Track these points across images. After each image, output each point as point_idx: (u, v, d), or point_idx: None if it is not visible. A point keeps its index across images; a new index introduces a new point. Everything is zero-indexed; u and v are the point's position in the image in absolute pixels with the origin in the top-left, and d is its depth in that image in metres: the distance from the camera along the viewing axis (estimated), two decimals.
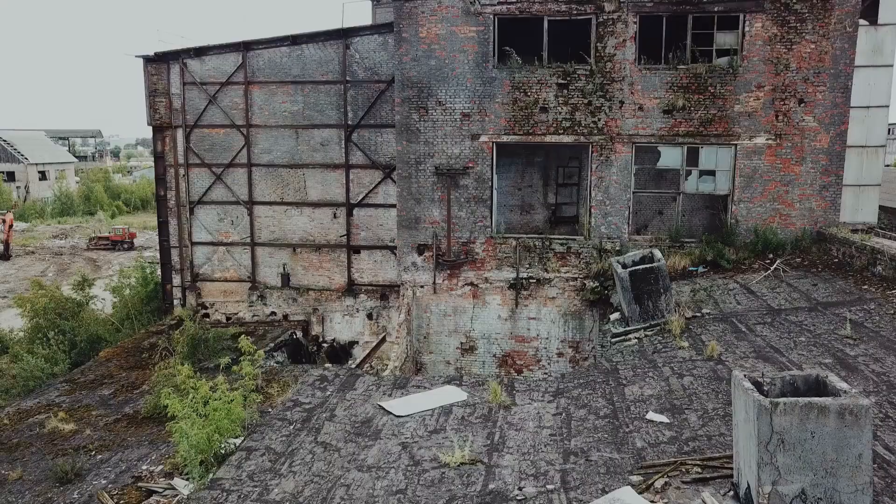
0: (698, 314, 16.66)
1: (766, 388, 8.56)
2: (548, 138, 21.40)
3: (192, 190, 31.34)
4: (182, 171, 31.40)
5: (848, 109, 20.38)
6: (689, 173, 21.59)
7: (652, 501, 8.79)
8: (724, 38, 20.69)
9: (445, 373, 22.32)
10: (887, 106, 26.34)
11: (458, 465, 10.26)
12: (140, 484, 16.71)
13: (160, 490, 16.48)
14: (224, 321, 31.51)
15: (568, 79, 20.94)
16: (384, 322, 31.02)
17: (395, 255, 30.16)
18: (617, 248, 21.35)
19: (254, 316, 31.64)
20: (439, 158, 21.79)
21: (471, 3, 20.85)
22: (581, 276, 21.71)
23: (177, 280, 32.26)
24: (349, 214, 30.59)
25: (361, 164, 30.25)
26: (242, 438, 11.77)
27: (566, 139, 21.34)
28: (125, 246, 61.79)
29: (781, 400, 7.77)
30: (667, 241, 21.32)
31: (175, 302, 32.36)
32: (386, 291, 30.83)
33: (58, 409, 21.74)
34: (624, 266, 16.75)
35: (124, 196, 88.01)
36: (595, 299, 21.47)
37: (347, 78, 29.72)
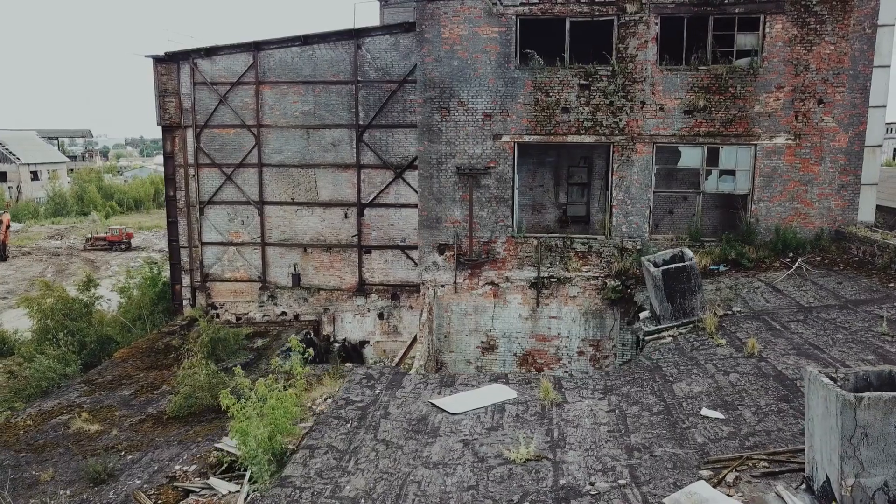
0: (729, 312, 16.89)
1: (839, 384, 8.74)
2: (569, 138, 21.57)
3: (202, 190, 31.32)
4: (192, 171, 31.36)
5: (866, 110, 20.72)
6: (708, 173, 21.84)
7: (728, 495, 8.96)
8: (744, 40, 20.94)
9: (466, 371, 22.44)
10: (884, 106, 26.73)
11: (524, 462, 10.39)
12: (176, 484, 16.74)
13: (197, 490, 16.51)
14: (234, 321, 31.51)
15: (590, 79, 21.12)
16: (395, 322, 31.17)
17: (406, 254, 30.35)
18: (638, 248, 21.56)
19: (264, 316, 31.64)
20: (461, 158, 21.90)
21: (493, 3, 20.98)
22: (602, 275, 21.90)
23: (186, 280, 32.22)
24: (360, 214, 30.69)
25: (373, 164, 30.36)
26: (300, 438, 11.84)
27: (588, 139, 21.53)
28: (122, 246, 61.48)
29: (866, 395, 7.96)
30: (687, 239, 21.56)
31: (184, 302, 32.32)
32: (397, 291, 30.96)
33: (80, 410, 21.70)
34: (655, 265, 16.93)
35: (117, 196, 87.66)
36: (616, 298, 21.66)
37: (359, 78, 29.82)
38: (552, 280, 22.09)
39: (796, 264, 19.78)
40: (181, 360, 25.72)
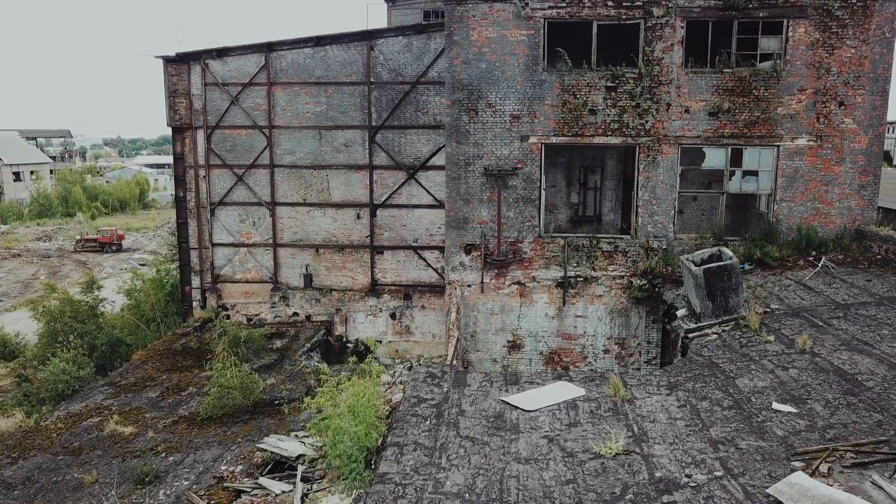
0: (768, 309, 17.30)
1: None
2: (596, 140, 21.91)
3: (212, 191, 31.23)
4: (202, 172, 31.27)
5: (886, 112, 21.27)
6: (732, 174, 22.30)
7: (828, 485, 9.30)
8: (767, 43, 21.43)
9: (492, 370, 22.67)
10: None
11: (614, 456, 10.66)
12: (226, 485, 16.82)
13: (248, 490, 16.61)
14: (245, 322, 31.44)
15: (616, 81, 21.48)
16: (408, 322, 31.35)
17: (419, 255, 30.54)
18: (664, 247, 21.96)
19: (276, 317, 31.65)
20: (488, 159, 22.14)
21: (522, 6, 21.24)
22: (628, 274, 22.26)
23: (196, 282, 32.10)
24: (373, 215, 30.81)
25: (385, 165, 30.51)
26: (382, 435, 12.00)
27: (614, 141, 21.88)
28: (113, 248, 60.87)
29: None
30: (711, 239, 21.98)
31: (194, 304, 32.20)
32: (409, 291, 31.14)
33: (109, 413, 21.60)
34: (695, 264, 17.29)
35: (102, 197, 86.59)
36: (643, 297, 22.04)
37: (371, 79, 29.94)
38: (579, 279, 22.42)
39: (821, 263, 20.29)
40: (202, 362, 25.71)
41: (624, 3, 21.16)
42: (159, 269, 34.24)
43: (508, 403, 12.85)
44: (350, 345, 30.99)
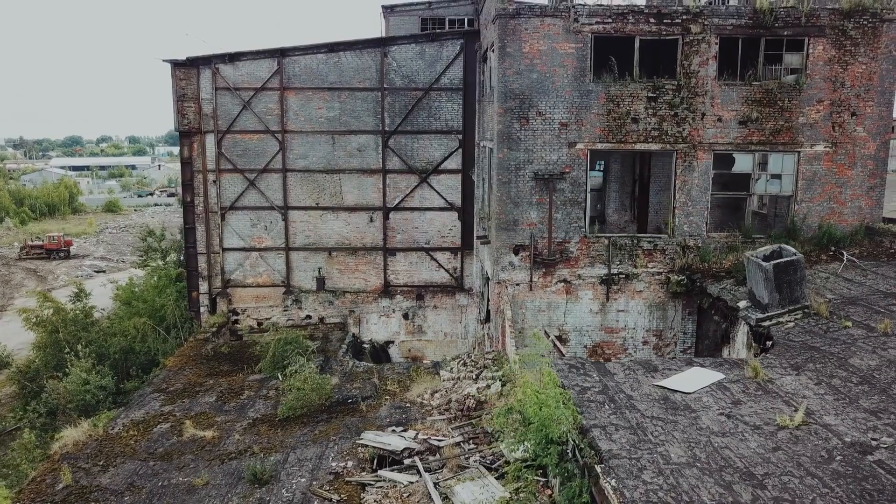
0: (825, 299, 19.28)
1: None
2: (638, 146, 23.54)
3: (223, 195, 31.25)
4: (212, 177, 31.26)
5: (892, 121, 23.79)
6: (758, 177, 24.38)
7: None
8: (790, 59, 23.61)
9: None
10: None
11: (798, 427, 12.14)
12: (348, 479, 17.46)
13: (372, 483, 17.34)
14: (255, 327, 31.63)
15: (657, 92, 23.17)
16: (420, 321, 32.26)
17: (431, 256, 31.51)
18: (698, 245, 23.79)
19: (288, 320, 31.94)
20: (538, 164, 23.41)
21: (574, 20, 22.64)
22: (665, 270, 23.99)
23: (203, 287, 31.99)
24: (385, 218, 31.59)
25: (398, 170, 31.37)
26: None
27: (654, 147, 23.57)
28: (62, 255, 58.50)
29: None
30: (740, 237, 23.97)
31: (202, 309, 32.08)
32: (422, 292, 32.07)
33: (175, 418, 21.66)
34: (762, 260, 19.08)
35: (28, 202, 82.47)
36: (680, 291, 23.80)
37: (385, 85, 30.74)
38: (621, 276, 23.99)
39: (846, 256, 22.55)
40: (241, 366, 25.90)
41: (664, 21, 22.86)
42: (161, 275, 33.85)
43: (666, 388, 14.17)
44: (366, 345, 31.63)
